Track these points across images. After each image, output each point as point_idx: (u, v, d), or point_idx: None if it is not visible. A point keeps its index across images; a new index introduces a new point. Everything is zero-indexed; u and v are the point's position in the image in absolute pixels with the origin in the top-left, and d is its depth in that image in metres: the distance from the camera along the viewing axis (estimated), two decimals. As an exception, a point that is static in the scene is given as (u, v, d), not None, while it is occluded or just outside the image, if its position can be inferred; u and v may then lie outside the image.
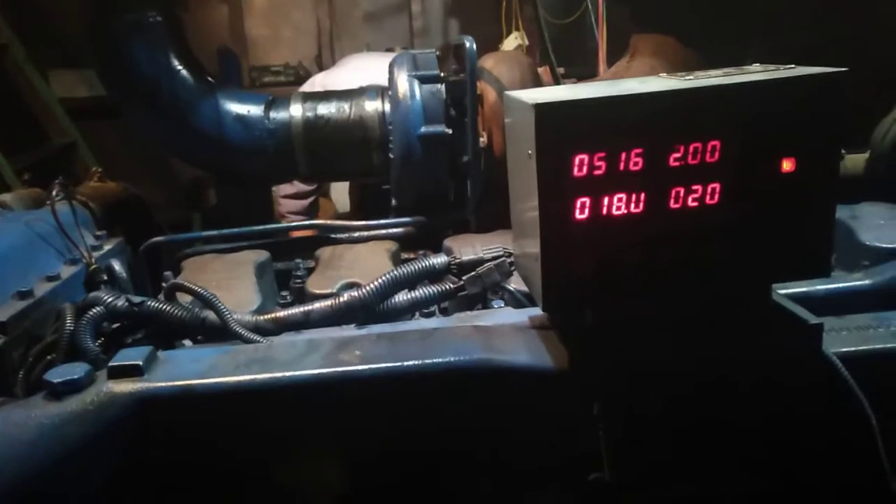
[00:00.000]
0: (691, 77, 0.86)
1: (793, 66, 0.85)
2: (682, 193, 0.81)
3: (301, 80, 4.90)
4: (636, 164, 0.79)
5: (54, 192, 1.35)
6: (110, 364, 0.86)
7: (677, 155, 0.80)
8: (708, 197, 0.81)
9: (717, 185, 0.81)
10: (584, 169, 0.78)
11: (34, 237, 1.26)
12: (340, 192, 3.30)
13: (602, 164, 0.79)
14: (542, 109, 0.77)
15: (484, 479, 0.91)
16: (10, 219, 1.32)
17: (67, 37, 4.09)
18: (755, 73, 0.84)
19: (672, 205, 0.81)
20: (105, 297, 1.05)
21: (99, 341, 1.06)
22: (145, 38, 1.55)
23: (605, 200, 0.80)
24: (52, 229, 1.30)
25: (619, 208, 0.81)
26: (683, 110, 0.79)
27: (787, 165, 0.82)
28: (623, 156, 0.79)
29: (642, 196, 0.81)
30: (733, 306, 0.87)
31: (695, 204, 0.81)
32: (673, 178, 0.80)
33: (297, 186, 2.64)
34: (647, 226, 0.82)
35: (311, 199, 2.75)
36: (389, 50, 4.78)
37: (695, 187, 0.81)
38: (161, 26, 1.56)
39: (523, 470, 0.90)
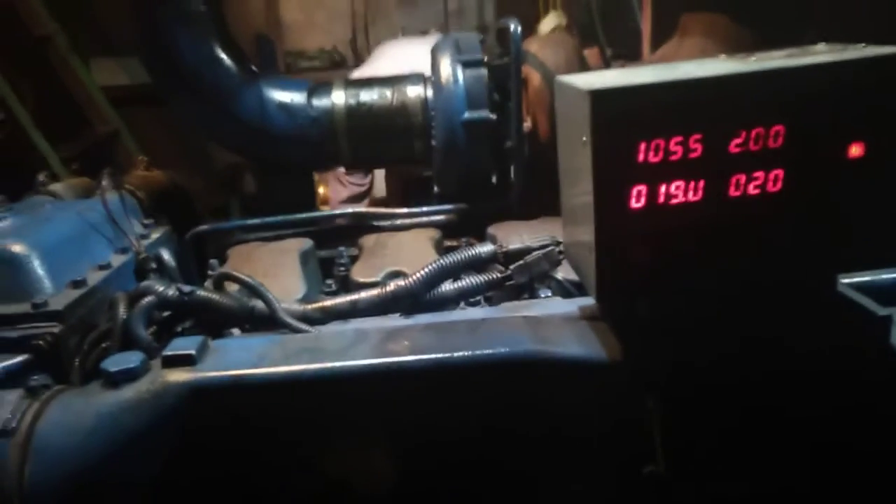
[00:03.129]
0: (753, 59, 0.82)
1: (862, 45, 0.80)
2: (742, 181, 0.78)
3: (336, 64, 4.92)
4: (695, 150, 0.77)
5: (104, 182, 1.37)
6: (164, 353, 0.88)
7: (738, 141, 0.77)
8: (770, 184, 0.78)
9: (780, 172, 0.78)
10: (641, 156, 0.76)
11: (85, 226, 1.29)
12: (379, 180, 3.30)
13: (660, 151, 0.76)
14: (597, 96, 0.74)
15: (533, 471, 0.90)
16: (61, 208, 1.35)
17: (108, 25, 4.16)
18: (821, 53, 0.80)
19: (732, 192, 0.78)
20: (157, 287, 1.06)
21: (151, 330, 1.08)
22: (189, 27, 1.55)
23: (663, 188, 0.78)
24: (101, 218, 1.33)
25: (676, 196, 0.78)
26: (746, 94, 0.76)
27: (855, 150, 0.78)
28: (682, 142, 0.76)
29: (701, 184, 0.78)
30: (796, 297, 0.84)
31: (756, 191, 0.78)
32: (733, 165, 0.77)
33: (350, 189, 2.66)
34: (706, 214, 0.79)
35: (364, 201, 2.77)
36: (424, 33, 4.76)
37: (756, 174, 0.78)
38: (204, 16, 1.57)
39: (573, 462, 0.89)
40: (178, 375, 0.86)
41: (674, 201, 0.78)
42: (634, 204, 0.78)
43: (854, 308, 0.85)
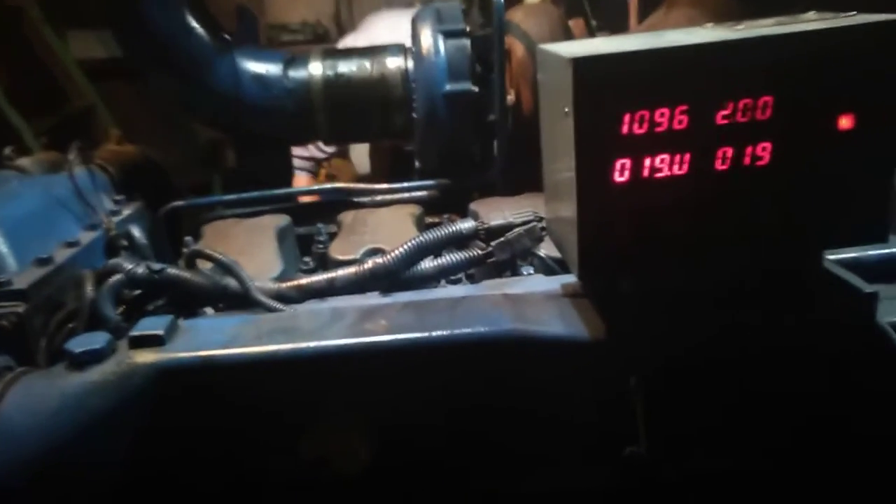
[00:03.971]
0: (741, 27, 0.79)
1: (853, 13, 0.78)
2: (729, 154, 0.76)
3: (319, 38, 4.81)
4: (680, 122, 0.74)
5: (72, 156, 1.32)
6: (131, 334, 0.84)
7: (725, 112, 0.74)
8: (758, 157, 0.76)
9: (768, 145, 0.75)
10: (626, 128, 0.73)
11: (53, 202, 1.24)
12: (360, 154, 3.25)
13: (644, 122, 0.73)
14: (580, 64, 0.71)
15: (514, 452, 0.89)
16: (28, 184, 1.30)
17: (83, -4, 4.04)
18: (812, 21, 0.78)
19: (719, 166, 0.76)
20: (125, 265, 1.02)
21: (120, 309, 1.04)
22: (159, -5, 1.49)
23: (647, 161, 0.75)
24: (70, 194, 1.28)
25: (661, 170, 0.76)
26: (734, 63, 0.73)
27: (844, 122, 0.75)
28: (666, 113, 0.73)
29: (686, 157, 0.75)
30: (781, 273, 0.82)
31: (744, 165, 0.76)
32: (720, 138, 0.75)
33: (311, 151, 2.60)
34: (692, 188, 0.76)
35: (319, 164, 2.71)
36: (409, 4, 4.67)
37: (744, 147, 0.75)
38: (175, -18, 1.51)
39: (555, 443, 0.88)
40: (146, 356, 0.83)
41: (659, 175, 0.76)
42: (618, 178, 0.75)
43: (840, 285, 0.83)
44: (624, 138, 0.74)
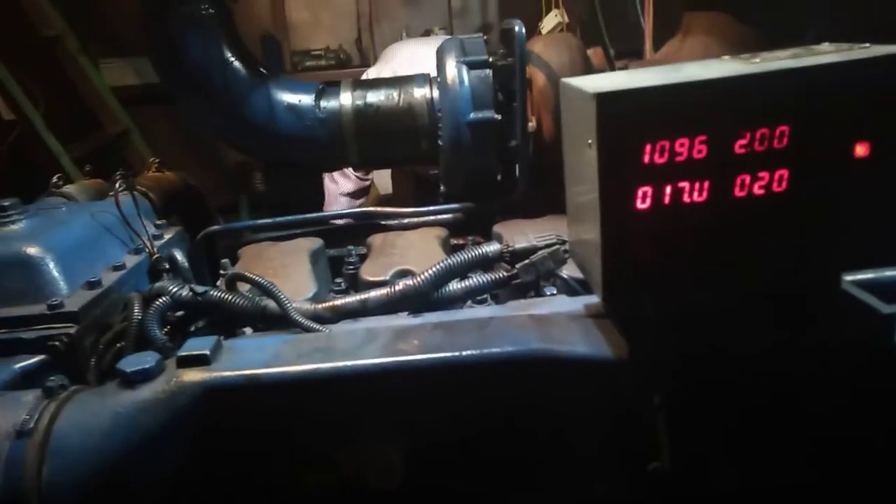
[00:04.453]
0: (757, 60, 0.83)
1: (867, 45, 0.81)
2: (747, 181, 0.79)
3: (342, 63, 4.93)
4: (700, 151, 0.78)
5: (117, 184, 1.39)
6: (179, 354, 0.89)
7: (743, 142, 0.77)
8: (775, 184, 0.79)
9: (784, 172, 0.79)
10: (647, 158, 0.77)
11: (99, 228, 1.31)
12: (382, 177, 3.32)
13: (665, 152, 0.77)
14: (603, 99, 0.75)
15: (539, 468, 0.92)
16: (76, 210, 1.37)
17: (116, 25, 4.19)
18: (826, 53, 0.81)
19: (737, 193, 0.79)
20: (171, 287, 1.08)
21: (164, 330, 1.10)
22: (199, 30, 1.57)
23: (668, 189, 0.79)
24: (115, 220, 1.35)
25: (681, 197, 0.79)
26: (751, 96, 0.76)
27: (860, 150, 0.78)
28: (686, 144, 0.77)
29: (706, 184, 0.79)
30: (801, 296, 0.85)
31: (761, 192, 0.79)
32: (738, 166, 0.78)
33: (356, 183, 2.68)
34: (711, 214, 0.80)
35: (364, 199, 2.80)
36: (428, 32, 4.76)
37: (761, 174, 0.79)
38: (214, 18, 1.58)
39: (579, 460, 0.90)
40: (193, 375, 0.87)
41: (679, 201, 0.79)
42: (640, 205, 0.79)
43: (858, 306, 0.86)
44: (645, 167, 0.78)
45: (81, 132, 3.93)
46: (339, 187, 2.69)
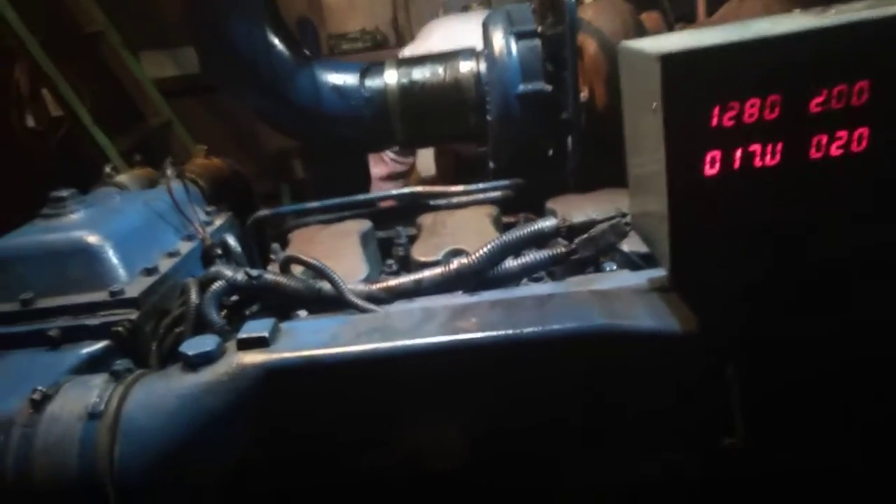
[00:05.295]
0: (832, 11, 0.78)
1: (952, -10, 0.75)
2: (824, 141, 0.75)
3: (378, 44, 4.90)
4: (772, 112, 0.73)
5: (168, 172, 1.41)
6: (239, 336, 0.90)
7: (819, 100, 0.73)
8: (854, 144, 0.74)
9: (864, 131, 0.74)
10: (715, 121, 0.73)
11: (153, 215, 1.32)
12: (425, 157, 3.29)
13: (735, 114, 0.73)
14: (669, 60, 0.72)
15: (608, 445, 0.90)
16: (129, 199, 1.39)
17: (154, 17, 4.24)
18: (906, 1, 0.76)
19: (813, 154, 0.75)
20: (226, 272, 1.09)
21: (221, 314, 1.10)
22: (242, 15, 1.57)
23: (738, 153, 0.75)
24: (167, 207, 1.36)
25: (752, 161, 0.75)
26: (828, 50, 0.72)
27: (948, 104, 0.73)
28: (758, 104, 0.73)
29: (779, 146, 0.75)
30: (880, 262, 0.80)
31: (839, 152, 0.75)
32: (814, 126, 0.74)
33: (391, 167, 2.66)
34: (785, 179, 0.76)
35: (404, 179, 2.78)
36: (466, 7, 4.69)
37: (839, 134, 0.74)
38: (257, 3, 1.58)
39: (650, 436, 0.88)
40: (254, 357, 0.88)
41: (750, 166, 0.75)
42: (709, 170, 0.76)
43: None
44: (714, 131, 0.74)
45: (126, 125, 4.01)
46: (375, 171, 2.67)
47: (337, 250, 1.34)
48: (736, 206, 0.77)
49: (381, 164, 2.68)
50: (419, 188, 1.58)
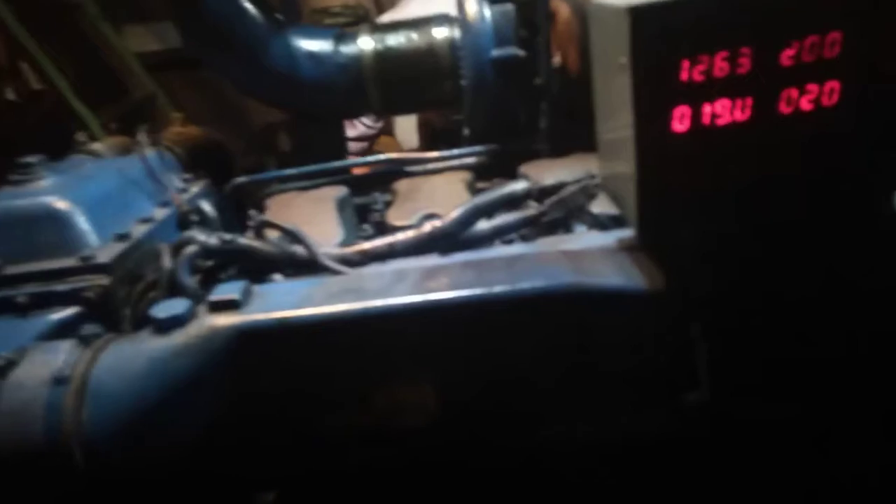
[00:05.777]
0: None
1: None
2: (794, 96, 0.74)
3: (360, 19, 4.82)
4: (742, 65, 0.73)
5: (141, 138, 1.39)
6: (210, 299, 0.89)
7: (790, 52, 0.72)
8: (826, 97, 0.74)
9: (836, 84, 0.74)
10: (684, 75, 0.73)
11: (126, 182, 1.31)
12: (405, 130, 3.27)
13: (704, 68, 0.72)
14: (637, 13, 0.71)
15: (577, 402, 0.90)
16: (102, 166, 1.37)
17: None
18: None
19: (783, 109, 0.75)
20: (199, 236, 1.08)
21: (195, 278, 1.10)
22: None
23: (707, 109, 0.74)
24: (142, 174, 1.34)
25: (722, 116, 0.75)
26: (800, 0, 0.71)
27: (919, 56, 0.73)
28: (727, 57, 0.72)
29: (749, 101, 0.74)
30: (850, 219, 0.80)
31: (810, 107, 0.74)
32: (785, 79, 0.73)
33: (358, 129, 2.64)
34: (755, 135, 0.75)
35: (371, 142, 2.75)
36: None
37: (810, 87, 0.74)
38: (229, -32, 1.55)
39: (618, 393, 0.89)
40: (225, 319, 0.87)
41: (720, 122, 0.75)
42: (677, 127, 0.75)
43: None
44: (683, 85, 0.73)
45: (109, 98, 3.94)
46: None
47: (313, 215, 1.34)
48: (704, 164, 0.77)
49: (349, 127, 2.66)
50: (395, 154, 1.56)
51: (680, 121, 0.75)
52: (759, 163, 0.77)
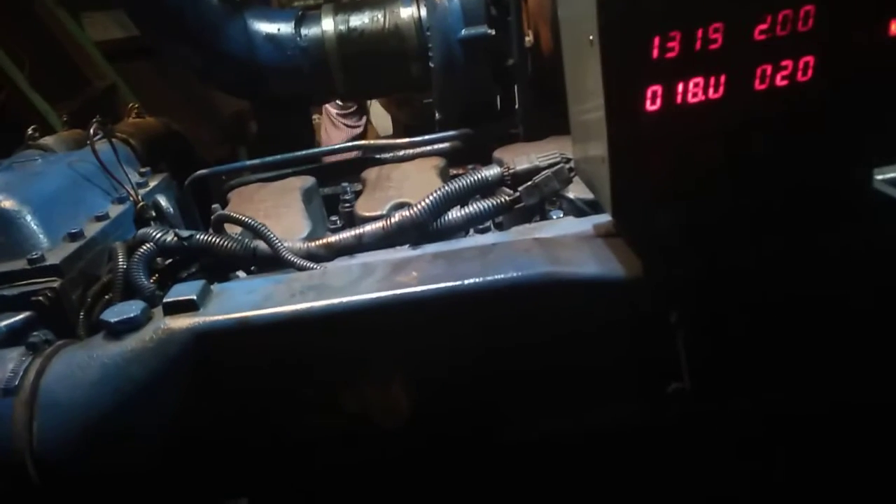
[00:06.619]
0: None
1: None
2: (769, 71, 0.71)
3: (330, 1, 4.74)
4: (714, 41, 0.69)
5: (92, 131, 1.32)
6: (165, 300, 0.84)
7: (763, 26, 0.69)
8: (800, 73, 0.71)
9: (810, 59, 0.71)
10: (656, 52, 0.69)
11: (78, 178, 1.24)
12: (383, 118, 3.21)
13: (676, 45, 0.69)
14: (604, -14, 0.67)
15: (555, 395, 0.88)
16: (52, 161, 1.30)
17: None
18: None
19: (758, 86, 0.71)
20: (154, 234, 1.03)
21: (153, 278, 1.05)
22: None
23: (680, 87, 0.71)
24: (95, 169, 1.28)
25: (695, 94, 0.71)
26: (772, -29, 0.68)
27: (895, 28, 0.70)
28: (699, 33, 0.69)
29: (722, 78, 0.71)
30: (828, 197, 0.78)
31: (784, 82, 0.71)
32: (758, 55, 0.70)
33: (347, 132, 2.59)
34: (729, 112, 0.72)
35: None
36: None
37: (784, 63, 0.71)
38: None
39: (596, 384, 0.86)
40: (182, 322, 0.83)
41: (693, 100, 0.72)
42: (650, 106, 0.72)
43: (892, 206, 0.79)
44: (654, 63, 0.70)
45: (69, 90, 3.81)
46: (331, 138, 2.60)
47: (277, 208, 1.29)
48: (679, 145, 0.74)
49: (334, 130, 2.61)
50: (364, 142, 1.51)
51: (652, 100, 0.71)
52: (735, 141, 0.74)
